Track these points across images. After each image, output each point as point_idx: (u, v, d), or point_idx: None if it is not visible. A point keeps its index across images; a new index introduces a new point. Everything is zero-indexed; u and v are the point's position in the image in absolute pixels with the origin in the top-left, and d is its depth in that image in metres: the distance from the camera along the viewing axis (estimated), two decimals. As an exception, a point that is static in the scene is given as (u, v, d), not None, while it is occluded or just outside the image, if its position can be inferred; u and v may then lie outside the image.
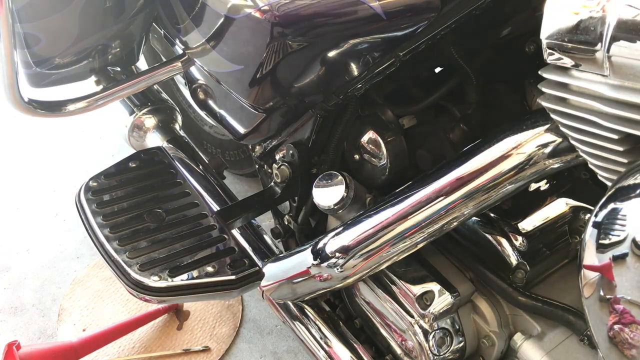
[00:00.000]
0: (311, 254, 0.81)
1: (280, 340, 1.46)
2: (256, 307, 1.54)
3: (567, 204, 0.80)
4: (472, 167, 0.68)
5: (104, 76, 1.22)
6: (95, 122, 2.04)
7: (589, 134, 0.53)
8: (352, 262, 0.75)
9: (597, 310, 0.50)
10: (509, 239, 0.77)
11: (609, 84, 0.49)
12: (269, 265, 0.96)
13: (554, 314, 0.73)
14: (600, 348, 0.51)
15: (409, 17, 0.68)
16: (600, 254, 0.48)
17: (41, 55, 1.10)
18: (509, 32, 0.75)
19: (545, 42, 0.52)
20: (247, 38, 0.80)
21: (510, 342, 0.78)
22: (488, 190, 0.67)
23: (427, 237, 0.72)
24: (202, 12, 0.87)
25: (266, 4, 0.71)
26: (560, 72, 0.53)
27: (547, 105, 0.56)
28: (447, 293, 0.79)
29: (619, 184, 0.48)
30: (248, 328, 1.50)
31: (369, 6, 0.66)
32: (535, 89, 0.64)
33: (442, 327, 0.79)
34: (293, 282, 0.88)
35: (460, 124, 0.80)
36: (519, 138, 0.65)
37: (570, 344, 0.73)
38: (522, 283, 0.76)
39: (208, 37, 0.88)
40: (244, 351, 1.45)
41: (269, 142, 1.01)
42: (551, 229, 0.79)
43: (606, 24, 0.46)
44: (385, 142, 0.78)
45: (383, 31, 0.70)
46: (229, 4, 0.78)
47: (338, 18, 0.70)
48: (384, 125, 0.79)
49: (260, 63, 0.78)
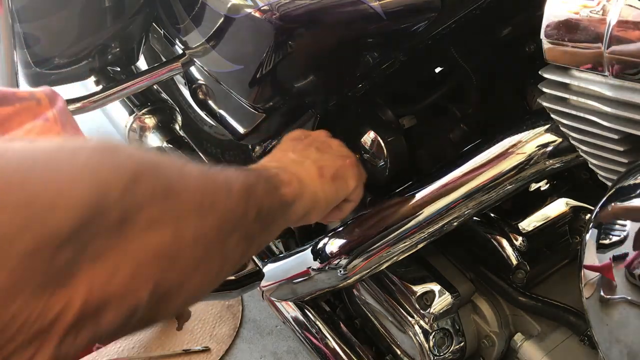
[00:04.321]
0: (311, 254, 0.81)
1: (280, 340, 1.46)
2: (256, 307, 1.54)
3: (567, 204, 0.80)
4: (472, 167, 0.68)
5: (103, 76, 1.21)
6: (94, 121, 2.04)
7: (589, 134, 0.53)
8: (352, 263, 0.75)
9: (597, 311, 0.50)
10: (509, 239, 0.76)
11: (609, 84, 0.49)
12: (269, 265, 0.96)
13: (555, 314, 0.73)
14: (601, 348, 0.51)
15: (409, 17, 0.68)
16: (601, 254, 0.48)
17: (41, 55, 1.10)
18: (509, 32, 0.74)
19: (545, 42, 0.52)
20: (247, 38, 0.80)
21: (511, 343, 0.78)
22: (488, 190, 0.67)
23: (428, 237, 0.72)
24: (202, 12, 0.87)
25: (266, 4, 0.71)
26: (561, 72, 0.53)
27: (547, 105, 0.56)
28: (448, 293, 0.79)
29: (619, 184, 0.48)
30: (248, 328, 1.49)
31: (368, 6, 0.66)
32: (535, 89, 0.64)
33: (442, 327, 0.79)
34: (293, 282, 0.88)
35: (460, 124, 0.80)
36: (519, 138, 0.65)
37: (571, 344, 0.73)
38: (522, 283, 0.76)
39: (208, 37, 0.88)
40: (244, 351, 1.45)
41: (269, 142, 1.01)
42: (551, 229, 0.79)
43: (606, 24, 0.46)
44: (385, 142, 0.78)
45: (383, 31, 0.70)
46: (229, 4, 0.78)
47: (338, 18, 0.70)
48: (384, 125, 0.79)
49: (260, 63, 0.78)
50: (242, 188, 0.47)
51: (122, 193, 0.34)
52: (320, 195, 0.63)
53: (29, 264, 0.29)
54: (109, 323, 0.33)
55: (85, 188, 0.32)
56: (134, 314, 0.35)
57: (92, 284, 0.32)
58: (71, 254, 0.31)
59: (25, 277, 0.29)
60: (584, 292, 0.51)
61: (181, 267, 0.38)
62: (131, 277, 0.34)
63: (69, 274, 0.31)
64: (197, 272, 0.40)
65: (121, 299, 0.33)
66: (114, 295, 0.33)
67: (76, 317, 0.31)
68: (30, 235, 0.29)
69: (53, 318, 0.30)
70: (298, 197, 0.59)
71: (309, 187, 0.61)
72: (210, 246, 0.41)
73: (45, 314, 0.30)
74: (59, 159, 0.33)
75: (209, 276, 0.43)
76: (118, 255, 0.33)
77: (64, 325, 0.31)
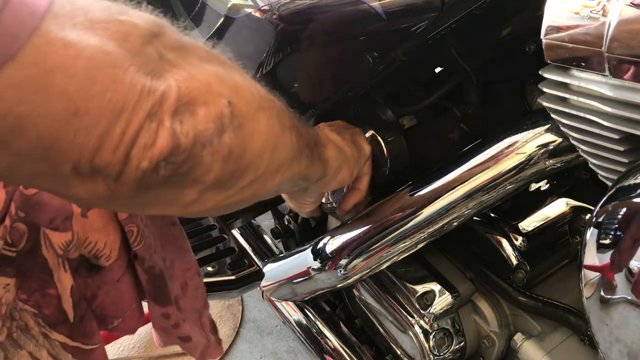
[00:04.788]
0: (311, 254, 0.81)
1: (280, 340, 1.47)
2: (256, 307, 1.54)
3: (567, 204, 0.80)
4: (472, 167, 0.68)
5: (103, 76, 1.22)
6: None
7: (589, 133, 0.53)
8: (352, 263, 0.75)
9: (597, 310, 0.50)
10: (509, 239, 0.77)
11: (609, 83, 0.49)
12: (269, 265, 0.96)
13: (555, 314, 0.73)
14: (601, 348, 0.51)
15: (409, 17, 0.68)
16: (601, 254, 0.48)
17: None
18: (509, 32, 0.74)
19: (545, 42, 0.52)
20: (247, 38, 0.80)
21: (511, 342, 0.78)
22: (488, 190, 0.68)
23: (428, 237, 0.72)
24: (202, 12, 0.87)
25: (266, 4, 0.71)
26: (561, 72, 0.53)
27: (548, 105, 0.56)
28: (448, 293, 0.79)
29: (619, 184, 0.48)
30: (248, 328, 1.50)
31: (369, 6, 0.66)
32: (536, 89, 0.64)
33: (442, 327, 0.79)
34: (293, 282, 0.88)
35: (460, 124, 0.80)
36: (519, 138, 0.65)
37: (571, 344, 0.73)
38: (523, 283, 0.76)
39: (208, 37, 0.88)
40: (244, 351, 1.45)
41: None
42: (551, 229, 0.79)
43: (606, 24, 0.46)
44: (385, 142, 0.78)
45: (383, 31, 0.70)
46: (229, 4, 0.78)
47: (338, 18, 0.70)
48: (384, 125, 0.79)
49: (260, 63, 0.78)
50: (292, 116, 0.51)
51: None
52: (347, 152, 0.68)
53: (125, 47, 0.34)
54: (204, 121, 0.37)
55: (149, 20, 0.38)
56: (221, 126, 0.38)
57: (179, 80, 0.36)
58: (155, 53, 0.36)
59: (123, 56, 0.34)
60: (584, 292, 0.51)
61: (247, 101, 0.42)
62: (207, 84, 0.38)
63: (158, 70, 0.36)
64: (263, 113, 0.44)
65: (205, 100, 0.37)
66: (199, 93, 0.37)
67: (176, 101, 0.36)
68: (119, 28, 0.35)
69: (159, 96, 0.35)
70: (329, 146, 0.63)
71: (336, 142, 0.67)
72: (271, 104, 0.46)
73: (153, 90, 0.35)
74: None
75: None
76: (188, 67, 0.38)
77: (170, 105, 0.35)
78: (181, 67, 0.37)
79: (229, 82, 0.41)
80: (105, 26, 0.34)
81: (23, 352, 0.52)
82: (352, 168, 0.70)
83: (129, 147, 0.34)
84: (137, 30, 0.35)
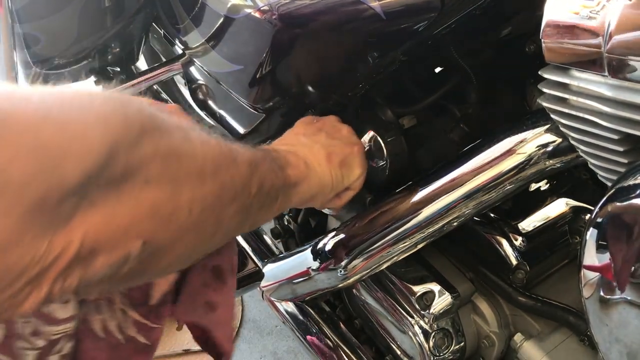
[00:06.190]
0: (311, 254, 0.81)
1: (280, 340, 1.47)
2: (256, 307, 1.54)
3: (567, 204, 0.80)
4: (472, 167, 0.68)
5: (103, 76, 1.22)
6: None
7: (589, 134, 0.53)
8: (352, 263, 0.75)
9: (597, 311, 0.50)
10: (509, 239, 0.76)
11: (609, 84, 0.49)
12: (269, 265, 0.96)
13: (554, 314, 0.73)
14: (601, 348, 0.51)
15: (409, 17, 0.68)
16: (601, 254, 0.48)
17: (41, 55, 1.10)
18: (509, 32, 0.74)
19: (544, 42, 0.52)
20: (247, 38, 0.80)
21: (511, 343, 0.78)
22: (488, 190, 0.67)
23: (427, 237, 0.72)
24: (202, 12, 0.87)
25: (266, 4, 0.71)
26: (560, 72, 0.53)
27: (547, 106, 0.56)
28: (447, 293, 0.79)
29: (619, 184, 0.48)
30: (248, 328, 1.50)
31: (368, 6, 0.66)
32: (535, 89, 0.64)
33: (442, 327, 0.79)
34: (293, 283, 0.88)
35: (460, 124, 0.80)
36: (519, 138, 0.65)
37: (571, 344, 0.73)
38: (522, 283, 0.76)
39: (208, 37, 0.88)
40: (244, 351, 1.45)
41: (269, 142, 1.01)
42: (551, 229, 0.79)
43: (606, 24, 0.46)
44: (385, 142, 0.78)
45: (383, 31, 0.70)
46: (229, 4, 0.78)
47: (338, 18, 0.70)
48: (384, 125, 0.79)
49: (260, 63, 0.78)
50: (248, 161, 0.48)
51: (128, 147, 0.35)
52: (326, 180, 0.64)
53: (37, 210, 0.30)
54: (99, 268, 0.35)
55: (97, 137, 0.33)
56: (123, 265, 0.36)
57: (89, 229, 0.33)
58: (76, 201, 0.32)
59: (32, 222, 0.30)
60: (584, 292, 0.51)
61: (174, 227, 0.39)
62: (125, 228, 0.35)
63: (69, 218, 0.32)
64: (189, 234, 0.41)
65: (113, 247, 0.35)
66: (107, 242, 0.34)
67: (71, 258, 0.33)
68: (42, 183, 0.30)
69: (52, 260, 0.32)
70: (303, 180, 0.60)
71: (315, 171, 0.63)
72: (206, 211, 0.42)
73: (47, 256, 0.31)
74: (72, 106, 0.33)
75: (201, 240, 0.44)
76: (115, 206, 0.34)
77: (60, 266, 0.32)
78: (101, 208, 0.34)
79: (165, 209, 0.38)
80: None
81: (99, 317, 0.52)
82: (327, 196, 0.67)
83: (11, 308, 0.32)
84: (58, 190, 0.31)
